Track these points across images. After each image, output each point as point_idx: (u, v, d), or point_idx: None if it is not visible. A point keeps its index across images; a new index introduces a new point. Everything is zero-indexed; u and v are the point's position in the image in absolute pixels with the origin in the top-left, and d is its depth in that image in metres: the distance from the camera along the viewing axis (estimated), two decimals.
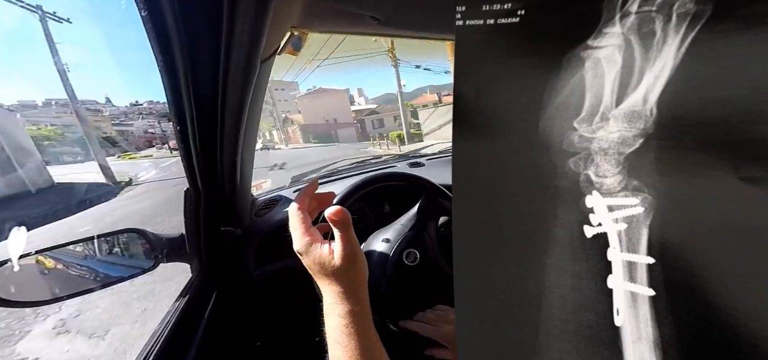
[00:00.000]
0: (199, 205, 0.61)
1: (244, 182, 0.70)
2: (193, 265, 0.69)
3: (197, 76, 0.42)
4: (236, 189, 0.66)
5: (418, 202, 0.71)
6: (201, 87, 0.44)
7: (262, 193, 1.02)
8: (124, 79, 10.65)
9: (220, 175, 0.60)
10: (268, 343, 0.82)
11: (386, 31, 0.63)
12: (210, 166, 0.56)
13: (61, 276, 0.56)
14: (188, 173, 0.57)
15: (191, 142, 0.51)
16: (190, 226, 0.62)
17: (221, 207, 0.67)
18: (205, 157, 0.54)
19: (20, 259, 0.49)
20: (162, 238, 0.63)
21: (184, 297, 0.63)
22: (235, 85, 0.47)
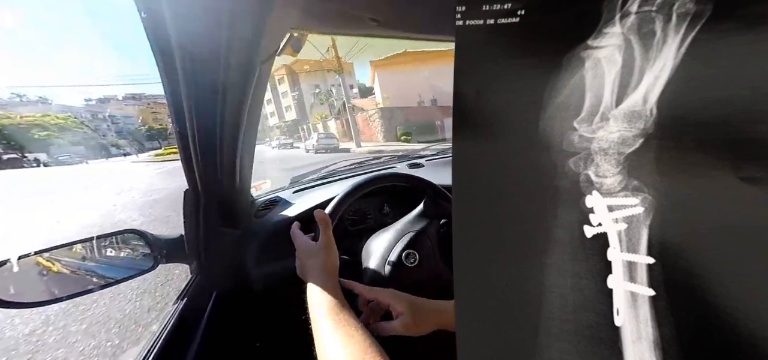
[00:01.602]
0: (198, 206, 0.61)
1: (243, 183, 0.70)
2: (192, 266, 0.69)
3: (197, 78, 0.42)
4: (236, 190, 0.66)
5: (418, 203, 0.70)
6: (201, 88, 0.44)
7: (261, 194, 1.02)
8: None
9: (220, 176, 0.60)
10: (267, 343, 0.82)
11: (386, 33, 0.63)
12: (209, 167, 0.56)
13: (61, 277, 0.56)
14: (188, 174, 0.57)
15: (191, 143, 0.51)
16: (190, 227, 0.62)
17: (221, 208, 0.66)
18: (205, 158, 0.54)
19: (19, 260, 0.49)
20: (161, 239, 0.63)
21: (183, 298, 0.63)
22: (235, 87, 0.47)
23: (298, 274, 0.53)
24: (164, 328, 0.56)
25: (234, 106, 0.50)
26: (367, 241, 0.69)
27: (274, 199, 0.95)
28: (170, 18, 0.35)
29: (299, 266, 0.53)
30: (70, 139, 56.71)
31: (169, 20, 0.35)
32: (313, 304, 0.44)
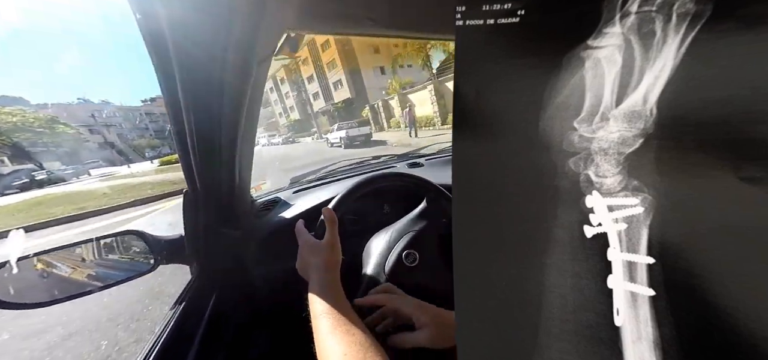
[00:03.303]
0: (198, 207, 0.61)
1: (243, 183, 0.70)
2: (192, 266, 0.69)
3: (194, 78, 0.42)
4: (235, 190, 0.66)
5: (418, 203, 0.70)
6: (198, 89, 0.44)
7: (261, 195, 1.02)
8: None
9: (219, 177, 0.60)
10: (267, 344, 0.82)
11: (384, 32, 0.62)
12: (208, 167, 0.56)
13: (60, 278, 0.56)
14: (187, 175, 0.57)
15: (189, 144, 0.51)
16: (190, 228, 0.62)
17: (220, 208, 0.66)
18: (204, 158, 0.54)
19: (19, 261, 0.49)
20: (161, 240, 0.63)
21: (183, 298, 0.63)
22: (232, 87, 0.47)
23: (298, 271, 0.53)
24: (165, 328, 0.56)
25: (232, 106, 0.50)
26: (367, 241, 0.69)
27: (274, 199, 0.95)
28: (166, 19, 0.34)
29: (301, 263, 0.53)
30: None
31: (164, 21, 0.35)
32: (313, 301, 0.44)
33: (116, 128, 52.76)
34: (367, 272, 0.62)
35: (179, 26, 0.35)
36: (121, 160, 41.01)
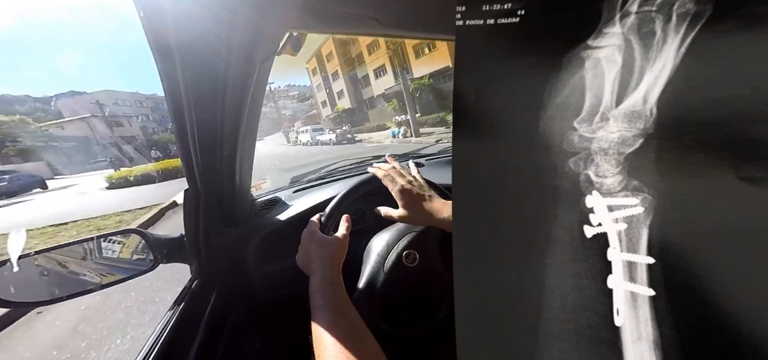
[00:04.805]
0: (198, 206, 0.61)
1: (243, 182, 0.70)
2: (192, 265, 0.69)
3: (196, 77, 0.42)
4: (236, 189, 0.66)
5: None
6: (200, 88, 0.44)
7: (261, 194, 1.02)
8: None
9: (220, 176, 0.60)
10: (267, 343, 0.82)
11: (386, 32, 0.62)
12: (209, 166, 0.56)
13: (61, 276, 0.56)
14: (187, 173, 0.57)
15: (190, 143, 0.51)
16: (190, 227, 0.62)
17: (221, 208, 0.66)
18: (205, 157, 0.54)
19: (19, 260, 0.49)
20: (161, 239, 0.63)
21: (183, 298, 0.63)
22: (234, 86, 0.47)
23: (299, 264, 0.53)
24: (165, 328, 0.56)
25: (234, 105, 0.50)
26: (367, 241, 0.69)
27: (274, 198, 0.95)
28: (169, 17, 0.35)
29: (304, 255, 0.53)
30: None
31: (167, 20, 0.35)
32: (314, 293, 0.44)
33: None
34: (366, 272, 0.62)
35: (182, 24, 0.36)
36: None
